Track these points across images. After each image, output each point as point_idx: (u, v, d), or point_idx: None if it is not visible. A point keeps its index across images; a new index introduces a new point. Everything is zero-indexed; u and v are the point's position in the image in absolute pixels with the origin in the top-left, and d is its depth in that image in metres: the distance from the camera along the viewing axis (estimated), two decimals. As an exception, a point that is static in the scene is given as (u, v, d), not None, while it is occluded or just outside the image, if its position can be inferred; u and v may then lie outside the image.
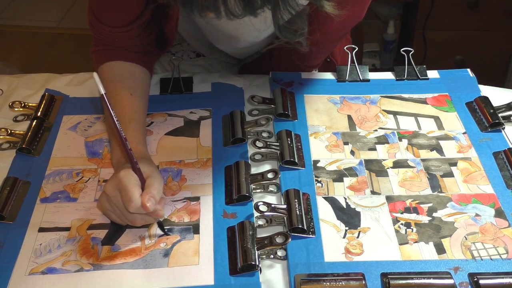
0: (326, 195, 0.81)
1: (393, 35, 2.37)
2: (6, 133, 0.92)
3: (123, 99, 0.87)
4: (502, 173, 0.84)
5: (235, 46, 1.03)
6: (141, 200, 0.71)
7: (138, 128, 0.85)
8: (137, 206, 0.71)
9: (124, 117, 0.84)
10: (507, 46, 2.19)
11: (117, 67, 0.91)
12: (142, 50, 0.94)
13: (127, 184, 0.72)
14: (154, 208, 0.72)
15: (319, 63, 1.09)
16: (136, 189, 0.72)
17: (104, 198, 0.76)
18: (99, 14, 0.89)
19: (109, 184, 0.75)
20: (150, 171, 0.76)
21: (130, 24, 0.88)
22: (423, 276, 0.70)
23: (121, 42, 0.91)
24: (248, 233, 0.74)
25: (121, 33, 0.90)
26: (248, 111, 0.96)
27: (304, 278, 0.70)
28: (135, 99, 0.88)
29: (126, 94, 0.88)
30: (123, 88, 0.88)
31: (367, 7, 0.92)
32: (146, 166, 0.76)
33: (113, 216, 0.76)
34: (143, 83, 0.93)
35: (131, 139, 0.81)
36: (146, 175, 0.75)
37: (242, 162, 0.85)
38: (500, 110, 0.94)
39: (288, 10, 0.68)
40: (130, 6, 0.87)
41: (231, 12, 0.64)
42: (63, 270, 0.72)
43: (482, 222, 0.77)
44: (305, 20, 0.79)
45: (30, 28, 2.84)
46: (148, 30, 0.92)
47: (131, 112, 0.86)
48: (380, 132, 0.92)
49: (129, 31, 0.89)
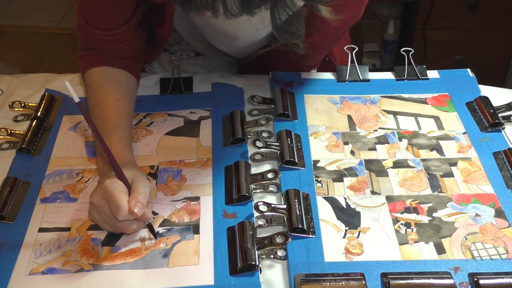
0: (326, 195, 0.81)
1: (393, 35, 2.37)
2: (6, 133, 0.92)
3: (108, 105, 0.86)
4: (502, 173, 0.84)
5: (234, 46, 1.03)
6: (128, 206, 0.70)
7: (123, 134, 0.84)
8: (126, 213, 0.71)
9: (110, 122, 0.84)
10: (507, 46, 2.19)
11: (104, 72, 0.91)
12: (130, 55, 0.93)
13: (113, 193, 0.71)
14: (142, 212, 0.72)
15: (317, 63, 1.09)
16: (123, 196, 0.71)
17: (93, 208, 0.75)
18: (87, 17, 0.88)
19: (95, 194, 0.74)
20: (134, 175, 0.75)
21: (119, 27, 0.88)
22: (423, 276, 0.70)
23: (109, 46, 0.91)
24: (248, 233, 0.74)
25: (109, 37, 0.89)
26: (248, 111, 0.96)
27: (304, 278, 0.70)
28: (120, 104, 0.87)
29: (112, 99, 0.87)
30: (109, 93, 0.88)
31: (364, 7, 0.92)
32: (130, 171, 0.75)
33: (105, 226, 0.76)
34: (129, 89, 0.93)
35: (116, 145, 0.80)
36: (131, 180, 0.74)
37: (242, 162, 0.85)
38: (500, 110, 0.94)
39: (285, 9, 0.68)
40: (119, 9, 0.87)
41: (229, 10, 0.64)
42: (63, 270, 0.72)
43: (482, 222, 0.77)
44: (302, 22, 0.80)
45: (30, 28, 2.84)
46: (137, 35, 0.92)
47: (117, 117, 0.85)
48: (380, 132, 0.92)
49: (118, 34, 0.89)
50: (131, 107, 0.91)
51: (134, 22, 0.89)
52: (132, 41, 0.92)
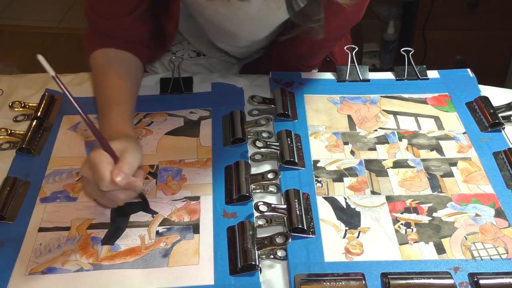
0: (326, 195, 0.81)
1: (393, 35, 2.37)
2: (6, 133, 0.92)
3: (111, 82, 0.87)
4: (502, 173, 0.84)
5: (236, 45, 1.03)
6: (109, 176, 0.69)
7: (125, 109, 0.85)
8: (108, 183, 0.69)
9: (111, 98, 0.85)
10: (507, 46, 2.19)
11: (109, 53, 0.92)
12: (137, 40, 0.94)
13: (96, 163, 0.70)
14: (128, 181, 0.70)
15: (318, 63, 1.09)
16: (105, 166, 0.70)
17: (85, 182, 0.75)
18: (94, 6, 0.89)
19: (83, 166, 0.73)
20: (125, 146, 0.74)
21: (125, 16, 0.89)
22: (423, 276, 0.70)
23: (115, 32, 0.91)
24: (248, 233, 0.74)
25: (115, 25, 0.90)
26: (248, 111, 0.96)
27: (304, 278, 0.70)
28: (123, 82, 0.88)
29: (115, 77, 0.88)
30: (113, 72, 0.89)
31: (366, 7, 0.92)
32: (122, 143, 0.74)
33: (100, 200, 0.76)
34: (133, 69, 0.93)
35: (116, 120, 0.81)
36: (121, 151, 0.72)
37: (242, 162, 0.85)
38: (500, 110, 0.94)
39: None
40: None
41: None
42: (63, 270, 0.72)
43: (482, 222, 0.77)
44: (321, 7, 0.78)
45: (30, 28, 2.84)
46: (142, 24, 0.92)
47: (118, 94, 0.86)
48: (380, 132, 0.92)
49: (124, 23, 0.90)
50: (134, 85, 0.91)
51: (139, 12, 0.89)
52: (139, 30, 0.93)
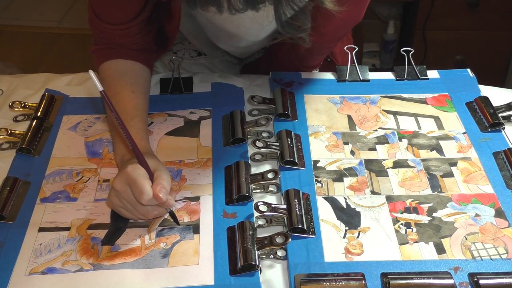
0: (326, 195, 0.81)
1: (393, 35, 2.37)
2: (6, 133, 0.92)
3: (125, 97, 0.87)
4: (502, 173, 0.84)
5: (236, 45, 1.03)
6: (153, 191, 0.73)
7: (141, 125, 0.86)
8: (149, 198, 0.73)
9: (127, 114, 0.85)
10: (507, 46, 2.19)
11: (118, 65, 0.92)
12: (142, 47, 0.94)
13: (136, 178, 0.73)
14: (166, 198, 0.74)
15: (319, 63, 1.09)
16: (146, 181, 0.73)
17: (114, 194, 0.76)
18: (99, 12, 0.89)
19: (118, 180, 0.75)
20: (156, 164, 0.77)
21: (130, 21, 0.89)
22: (423, 276, 0.70)
23: (121, 40, 0.91)
24: (248, 233, 0.74)
25: (121, 31, 0.90)
26: (248, 111, 0.96)
27: (304, 278, 0.70)
28: (136, 96, 0.89)
29: (127, 91, 0.88)
30: (125, 86, 0.89)
31: (366, 7, 0.92)
32: (152, 160, 0.78)
33: (124, 212, 0.77)
34: (144, 81, 0.94)
35: (135, 136, 0.81)
36: (153, 168, 0.76)
37: (242, 162, 0.85)
38: (500, 110, 0.94)
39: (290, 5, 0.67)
40: (130, 3, 0.87)
41: (233, 6, 0.64)
42: (63, 270, 0.72)
43: (482, 222, 0.77)
44: (308, 16, 0.79)
45: (30, 28, 2.84)
46: (148, 28, 0.92)
47: (134, 109, 0.87)
48: (380, 132, 0.92)
49: (129, 28, 0.90)
50: (146, 98, 0.92)
51: (144, 16, 0.89)
52: (144, 34, 0.93)
